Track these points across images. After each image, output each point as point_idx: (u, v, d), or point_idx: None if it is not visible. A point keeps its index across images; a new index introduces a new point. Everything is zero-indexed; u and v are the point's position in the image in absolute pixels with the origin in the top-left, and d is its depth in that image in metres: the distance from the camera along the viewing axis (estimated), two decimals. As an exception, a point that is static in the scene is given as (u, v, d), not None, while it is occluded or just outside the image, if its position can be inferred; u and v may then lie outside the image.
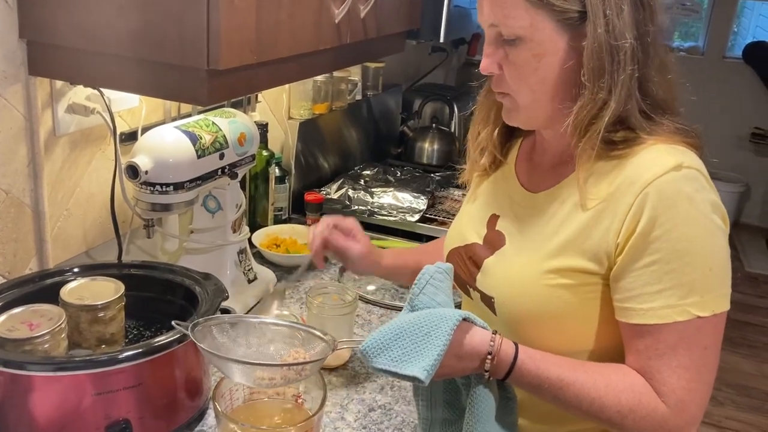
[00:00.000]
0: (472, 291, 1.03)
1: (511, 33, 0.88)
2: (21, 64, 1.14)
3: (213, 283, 1.16)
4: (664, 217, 0.84)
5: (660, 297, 0.85)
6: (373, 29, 1.44)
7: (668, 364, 0.86)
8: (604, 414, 0.87)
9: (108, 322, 1.09)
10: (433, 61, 2.91)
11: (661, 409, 0.86)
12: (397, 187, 2.01)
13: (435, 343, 0.84)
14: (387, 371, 0.85)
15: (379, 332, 0.87)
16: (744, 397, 3.07)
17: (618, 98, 0.86)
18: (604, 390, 0.87)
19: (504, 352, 0.88)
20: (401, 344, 0.85)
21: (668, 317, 0.85)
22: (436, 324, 0.85)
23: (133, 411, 0.98)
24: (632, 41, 0.85)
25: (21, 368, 0.93)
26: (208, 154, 1.28)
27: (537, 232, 0.96)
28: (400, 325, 0.87)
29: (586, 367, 0.90)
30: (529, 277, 0.94)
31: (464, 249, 1.06)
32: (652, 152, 0.88)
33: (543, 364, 0.89)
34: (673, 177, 0.85)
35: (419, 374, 0.82)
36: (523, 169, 1.05)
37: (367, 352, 0.86)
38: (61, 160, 1.27)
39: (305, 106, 1.98)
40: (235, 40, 1.01)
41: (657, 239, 0.85)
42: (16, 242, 1.21)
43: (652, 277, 0.85)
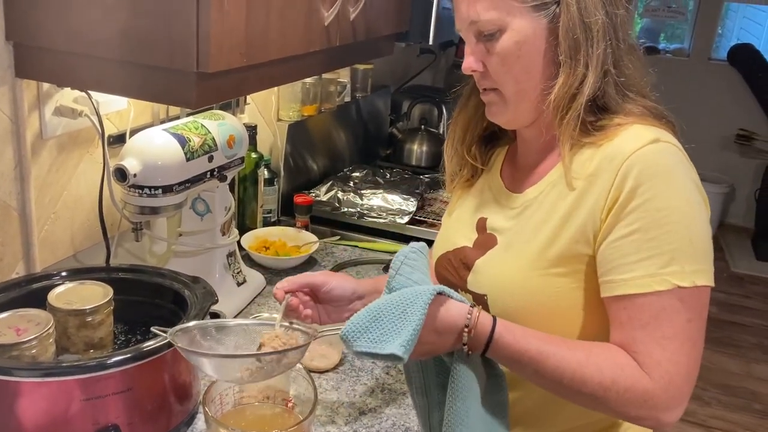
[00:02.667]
0: (463, 294, 1.03)
1: (491, 25, 0.91)
2: (8, 66, 1.13)
3: (202, 287, 1.15)
4: (644, 187, 0.86)
5: (640, 266, 0.86)
6: (363, 32, 1.44)
7: (651, 335, 0.85)
8: (586, 387, 0.86)
9: (96, 327, 1.08)
10: (421, 63, 2.92)
11: (645, 380, 0.85)
12: (386, 189, 2.01)
13: (410, 319, 0.83)
14: (367, 353, 0.84)
15: (357, 316, 0.86)
16: (730, 397, 3.10)
17: (595, 72, 0.90)
18: (585, 361, 0.86)
19: (481, 324, 0.87)
20: (379, 325, 0.84)
21: (648, 286, 0.85)
22: (412, 300, 0.85)
23: (122, 416, 0.97)
24: (603, 18, 0.90)
25: (8, 374, 0.92)
26: (197, 157, 1.27)
27: (526, 225, 0.97)
28: (377, 306, 0.86)
29: (567, 342, 0.90)
30: (522, 270, 0.95)
31: (453, 253, 1.06)
32: (631, 131, 0.91)
33: (522, 336, 0.88)
34: (652, 149, 0.88)
35: (397, 351, 0.82)
36: (508, 173, 1.07)
37: (347, 337, 0.85)
38: (48, 163, 1.25)
39: (294, 108, 1.98)
40: (224, 42, 1.01)
41: (637, 208, 0.86)
42: (3, 246, 1.20)
43: (632, 246, 0.86)
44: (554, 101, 0.91)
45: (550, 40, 0.91)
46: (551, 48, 0.92)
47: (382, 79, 2.58)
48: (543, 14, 0.91)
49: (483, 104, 1.01)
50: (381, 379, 1.26)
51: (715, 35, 4.84)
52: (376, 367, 1.29)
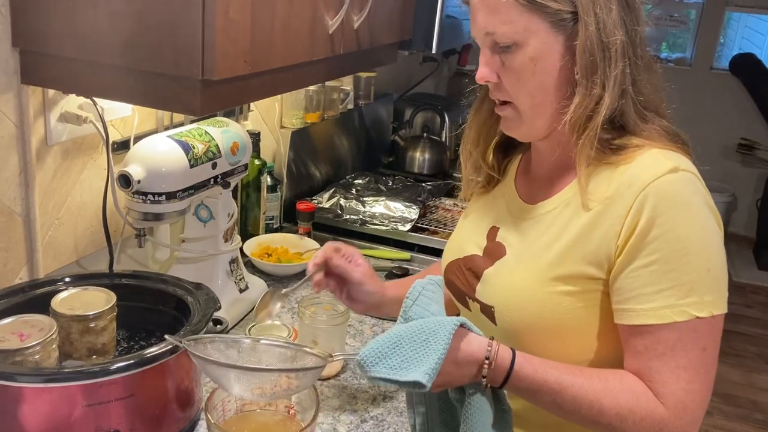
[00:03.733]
0: (471, 302, 1.03)
1: (507, 39, 0.90)
2: (13, 72, 1.14)
3: (205, 293, 1.16)
4: (663, 218, 0.86)
5: (659, 297, 0.86)
6: (366, 40, 1.45)
7: (667, 365, 0.86)
8: (603, 417, 0.87)
9: (99, 333, 1.09)
10: (424, 71, 2.92)
11: (660, 410, 0.86)
12: (388, 197, 2.02)
13: (434, 348, 0.84)
14: (387, 380, 0.84)
15: (376, 342, 0.86)
16: (731, 406, 3.09)
17: (612, 93, 0.89)
18: (602, 392, 0.87)
19: (501, 357, 0.88)
20: (400, 352, 0.84)
21: (667, 317, 0.86)
22: (434, 330, 0.85)
23: (124, 422, 0.98)
24: (622, 38, 0.88)
25: (11, 379, 0.92)
26: (200, 164, 1.27)
27: (537, 240, 0.97)
28: (397, 333, 0.86)
29: (584, 371, 0.90)
30: (530, 284, 0.94)
31: (463, 261, 1.06)
32: (649, 156, 0.90)
33: (541, 368, 0.89)
34: (670, 179, 0.87)
35: (421, 378, 0.81)
36: (522, 184, 1.06)
37: (364, 362, 0.85)
38: (52, 169, 1.26)
39: (297, 116, 1.99)
40: (229, 50, 1.01)
41: (655, 239, 0.86)
42: (6, 251, 1.20)
43: (651, 277, 0.86)
44: (570, 122, 0.90)
45: (566, 58, 0.90)
46: (567, 66, 0.90)
47: (385, 86, 2.59)
48: (561, 31, 0.89)
49: None
50: (383, 388, 1.25)
51: (717, 45, 4.85)
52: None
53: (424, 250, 1.84)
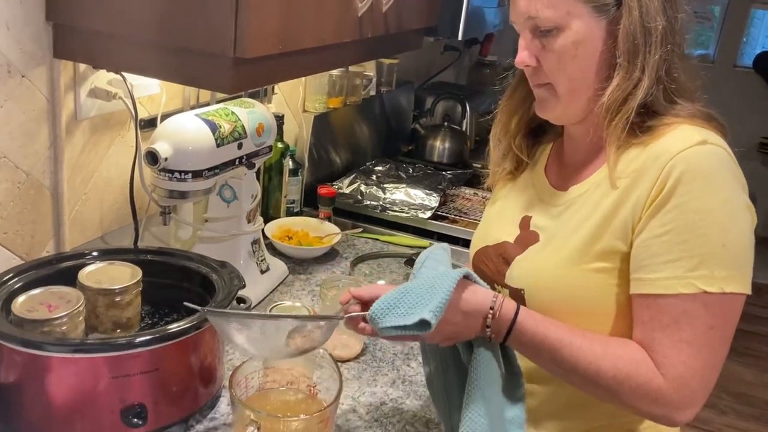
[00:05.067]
0: (500, 288, 1.04)
1: (549, 23, 0.90)
2: (46, 46, 1.14)
3: (229, 272, 1.16)
4: (684, 188, 0.85)
5: (668, 267, 0.86)
6: (394, 24, 1.44)
7: (670, 337, 0.86)
8: (600, 379, 0.87)
9: (125, 307, 1.10)
10: (445, 60, 2.91)
11: (659, 380, 0.85)
12: (409, 184, 2.02)
13: (439, 291, 0.85)
14: (395, 326, 0.86)
15: (385, 296, 0.88)
16: (745, 406, 3.07)
17: (650, 77, 0.89)
18: (601, 354, 0.88)
19: (505, 308, 0.90)
20: (406, 300, 0.86)
21: (673, 288, 0.85)
22: (439, 279, 0.87)
23: (149, 396, 0.99)
24: (664, 23, 0.89)
25: (39, 348, 0.93)
26: (226, 143, 1.28)
27: (567, 222, 0.97)
28: (403, 287, 0.88)
29: (586, 333, 0.91)
30: (560, 264, 0.95)
31: (493, 248, 1.06)
32: (679, 131, 0.90)
33: (542, 324, 0.90)
34: (697, 151, 0.87)
35: (426, 316, 0.83)
36: (553, 171, 1.06)
37: (374, 315, 0.87)
38: (81, 144, 1.27)
39: (320, 100, 1.99)
40: (261, 29, 1.01)
41: (673, 209, 0.86)
42: (35, 224, 1.21)
43: (662, 246, 0.86)
44: (606, 103, 0.91)
45: (608, 42, 0.91)
46: (608, 50, 0.91)
47: (407, 74, 2.58)
48: (604, 16, 0.90)
49: (530, 95, 1.01)
50: (402, 371, 1.26)
51: (741, 42, 4.79)
52: (397, 359, 1.29)
53: (444, 239, 1.84)
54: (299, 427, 0.93)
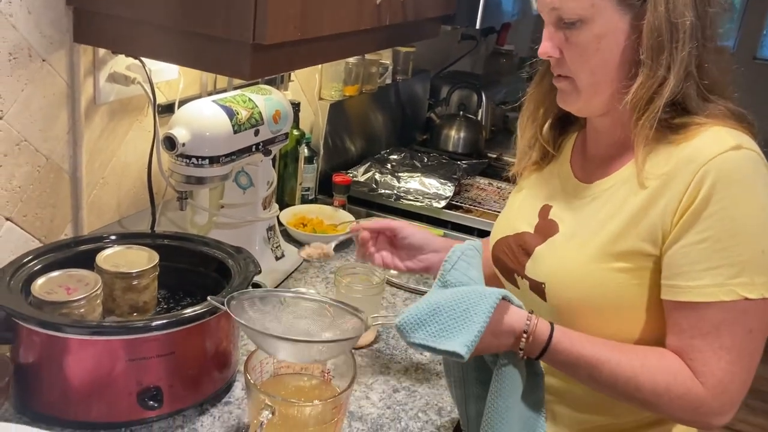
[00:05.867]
0: (520, 279, 1.03)
1: (573, 14, 0.89)
2: (66, 31, 1.15)
3: (245, 257, 1.17)
4: (720, 195, 0.84)
5: (708, 275, 0.85)
6: (412, 12, 1.44)
7: (710, 345, 0.85)
8: (639, 393, 0.87)
9: (141, 291, 1.11)
10: (462, 48, 2.90)
11: (698, 389, 0.86)
12: (424, 173, 2.01)
13: (475, 320, 0.85)
14: (425, 346, 0.85)
15: (416, 308, 0.87)
16: (757, 401, 3.06)
17: (677, 76, 0.87)
18: (639, 369, 0.87)
19: (540, 330, 0.89)
20: (439, 320, 0.85)
21: (714, 296, 0.85)
22: (475, 301, 0.86)
23: (164, 379, 1.00)
24: (692, 19, 0.86)
25: (58, 330, 0.94)
26: (243, 130, 1.28)
27: (592, 218, 0.96)
28: (437, 301, 0.87)
29: (622, 347, 0.90)
30: (583, 262, 0.94)
31: (513, 238, 1.06)
32: (711, 133, 0.88)
33: (578, 342, 0.90)
34: (732, 156, 0.85)
35: (460, 350, 0.83)
36: (577, 163, 1.06)
37: (404, 327, 0.86)
38: (99, 129, 1.28)
39: (336, 88, 1.99)
40: (280, 15, 1.01)
41: (710, 216, 0.85)
42: (54, 207, 1.23)
43: (701, 254, 0.85)
44: (631, 102, 0.89)
45: (632, 37, 0.89)
46: (632, 45, 0.89)
47: (423, 63, 2.57)
48: (628, 10, 0.88)
49: None
50: (415, 359, 1.26)
51: (761, 34, 4.73)
52: (410, 347, 1.30)
53: (458, 228, 1.84)
54: (313, 413, 0.94)
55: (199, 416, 1.04)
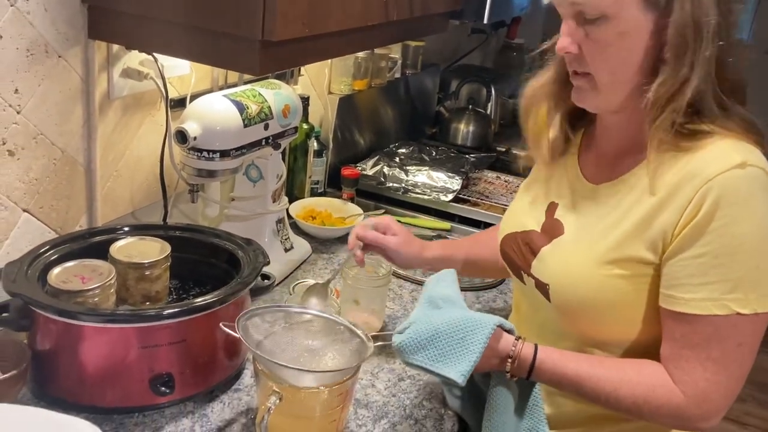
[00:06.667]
0: (526, 277, 1.06)
1: (595, 11, 0.87)
2: (81, 27, 1.18)
3: (254, 249, 1.20)
4: (721, 213, 0.86)
5: (703, 289, 0.87)
6: (419, 7, 1.45)
7: (698, 356, 0.89)
8: (621, 405, 0.93)
9: (154, 281, 1.14)
10: (471, 42, 2.91)
11: (678, 399, 0.90)
12: (431, 167, 2.03)
13: (471, 349, 0.92)
14: (423, 368, 0.94)
15: (415, 331, 0.94)
16: (766, 395, 3.06)
17: (699, 74, 0.86)
18: (618, 383, 0.92)
19: (524, 354, 0.96)
20: (438, 344, 0.93)
21: (707, 309, 0.87)
22: (472, 329, 0.93)
23: (176, 366, 1.03)
24: (717, 18, 0.85)
25: (73, 318, 0.98)
26: (253, 124, 1.31)
27: (597, 222, 0.98)
28: (436, 325, 0.94)
29: (603, 363, 0.95)
30: (586, 266, 0.96)
31: (521, 235, 1.08)
32: (718, 147, 0.89)
33: (560, 362, 0.96)
34: (736, 174, 0.86)
35: (456, 378, 0.91)
36: (585, 159, 1.06)
37: (403, 349, 0.95)
38: (113, 123, 1.31)
39: (345, 82, 2.01)
40: (289, 12, 1.04)
41: (711, 232, 0.86)
42: (69, 199, 1.26)
43: (699, 268, 0.87)
44: (652, 100, 0.88)
45: (656, 36, 0.87)
46: (655, 44, 0.88)
47: (432, 57, 2.58)
48: (653, 8, 0.86)
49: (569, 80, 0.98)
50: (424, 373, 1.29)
51: (775, 27, 4.68)
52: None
53: (465, 221, 1.86)
54: (319, 399, 0.97)
55: (209, 402, 1.07)
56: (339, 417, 1.00)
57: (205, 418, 1.04)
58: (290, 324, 1.05)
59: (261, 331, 1.02)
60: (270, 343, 1.02)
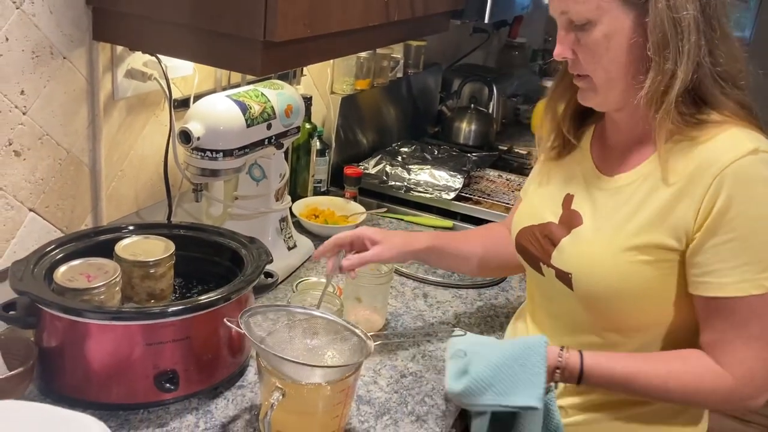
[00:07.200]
0: (545, 267, 1.08)
1: (581, 17, 0.94)
2: (86, 29, 1.20)
3: (258, 247, 1.21)
4: (741, 198, 0.90)
5: (736, 272, 0.91)
6: (420, 7, 1.46)
7: (740, 336, 0.92)
8: (672, 397, 0.97)
9: (158, 279, 1.15)
10: (473, 41, 2.91)
11: (727, 381, 0.93)
12: (434, 165, 2.04)
13: (535, 371, 0.96)
14: (496, 406, 0.97)
15: (475, 373, 0.98)
16: (769, 393, 3.06)
17: (685, 67, 0.90)
18: (667, 377, 0.96)
19: (572, 362, 0.98)
20: (502, 378, 0.97)
21: (744, 291, 0.91)
22: (527, 353, 0.97)
23: (180, 363, 1.04)
24: (693, 12, 0.90)
25: (79, 315, 0.99)
26: (256, 124, 1.32)
27: (616, 212, 1.00)
28: (492, 362, 0.98)
29: (648, 359, 0.98)
30: (609, 254, 0.99)
31: (539, 228, 1.10)
32: (729, 135, 0.93)
33: (608, 364, 0.98)
34: (751, 160, 0.90)
35: (536, 403, 0.95)
36: (597, 152, 1.09)
37: (470, 394, 0.98)
38: (118, 123, 1.32)
39: (348, 82, 2.02)
40: (290, 13, 1.05)
41: (734, 218, 0.90)
42: (74, 199, 1.28)
43: (729, 253, 0.91)
44: (645, 96, 0.93)
45: (639, 35, 0.92)
46: (641, 44, 0.93)
47: (434, 56, 2.59)
48: (632, 9, 0.92)
49: None
50: (422, 346, 1.30)
51: (778, 25, 4.68)
52: (417, 334, 1.34)
53: (467, 219, 1.87)
54: (322, 395, 0.98)
55: (213, 399, 1.09)
56: (341, 413, 1.01)
57: (209, 414, 1.06)
58: (292, 322, 1.07)
59: (263, 329, 1.03)
60: (272, 340, 1.03)
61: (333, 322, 1.07)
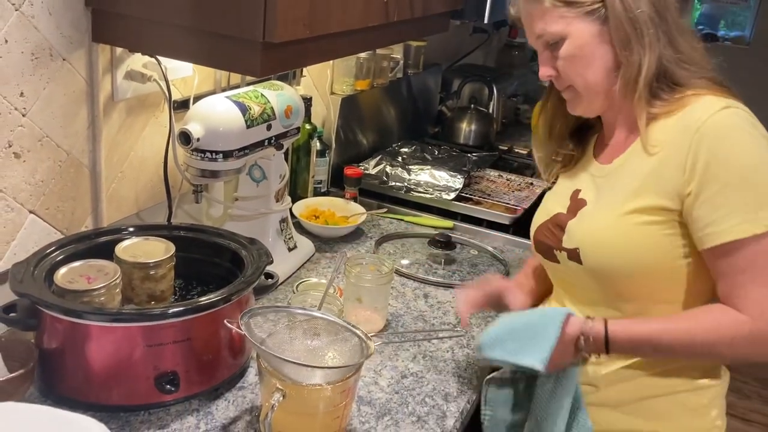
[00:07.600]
0: (559, 253, 1.13)
1: (554, 36, 1.05)
2: (85, 31, 1.20)
3: (258, 248, 1.21)
4: (721, 148, 0.95)
5: (733, 216, 0.94)
6: (419, 8, 1.47)
7: (751, 277, 0.95)
8: (698, 350, 1.00)
9: (159, 280, 1.15)
10: (473, 41, 2.91)
11: (747, 324, 0.95)
12: (434, 165, 2.04)
13: (547, 337, 1.01)
14: (504, 361, 1.06)
15: (494, 330, 1.07)
16: (770, 392, 3.07)
17: (649, 55, 1.01)
18: (690, 331, 1.00)
19: (597, 329, 1.03)
20: (515, 338, 1.04)
21: (746, 231, 0.94)
22: (546, 321, 1.03)
23: (181, 364, 1.04)
24: (646, 9, 1.01)
25: (80, 317, 0.99)
26: (256, 125, 1.32)
27: (614, 187, 1.07)
28: (512, 323, 1.08)
29: (671, 317, 1.03)
30: (611, 221, 1.04)
31: (550, 220, 1.17)
32: (703, 101, 1.00)
33: (632, 327, 1.03)
34: (724, 114, 0.97)
35: (537, 365, 1.00)
36: (600, 153, 1.16)
37: (482, 345, 1.07)
38: (117, 125, 1.32)
39: (348, 82, 2.02)
40: (289, 14, 1.05)
41: (719, 168, 0.95)
42: (74, 200, 1.28)
43: (722, 200, 0.95)
44: (620, 89, 1.04)
45: (606, 38, 1.03)
46: (609, 48, 1.03)
47: (434, 56, 2.59)
48: (595, 17, 1.02)
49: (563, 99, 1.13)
50: (423, 346, 1.30)
51: (777, 24, 4.67)
52: (418, 335, 1.34)
53: (467, 219, 1.87)
54: (323, 396, 0.98)
55: (214, 400, 1.09)
56: (342, 414, 1.01)
57: (210, 415, 1.06)
58: (292, 323, 1.07)
59: (264, 330, 1.03)
60: (272, 341, 1.03)
61: (333, 323, 1.07)
